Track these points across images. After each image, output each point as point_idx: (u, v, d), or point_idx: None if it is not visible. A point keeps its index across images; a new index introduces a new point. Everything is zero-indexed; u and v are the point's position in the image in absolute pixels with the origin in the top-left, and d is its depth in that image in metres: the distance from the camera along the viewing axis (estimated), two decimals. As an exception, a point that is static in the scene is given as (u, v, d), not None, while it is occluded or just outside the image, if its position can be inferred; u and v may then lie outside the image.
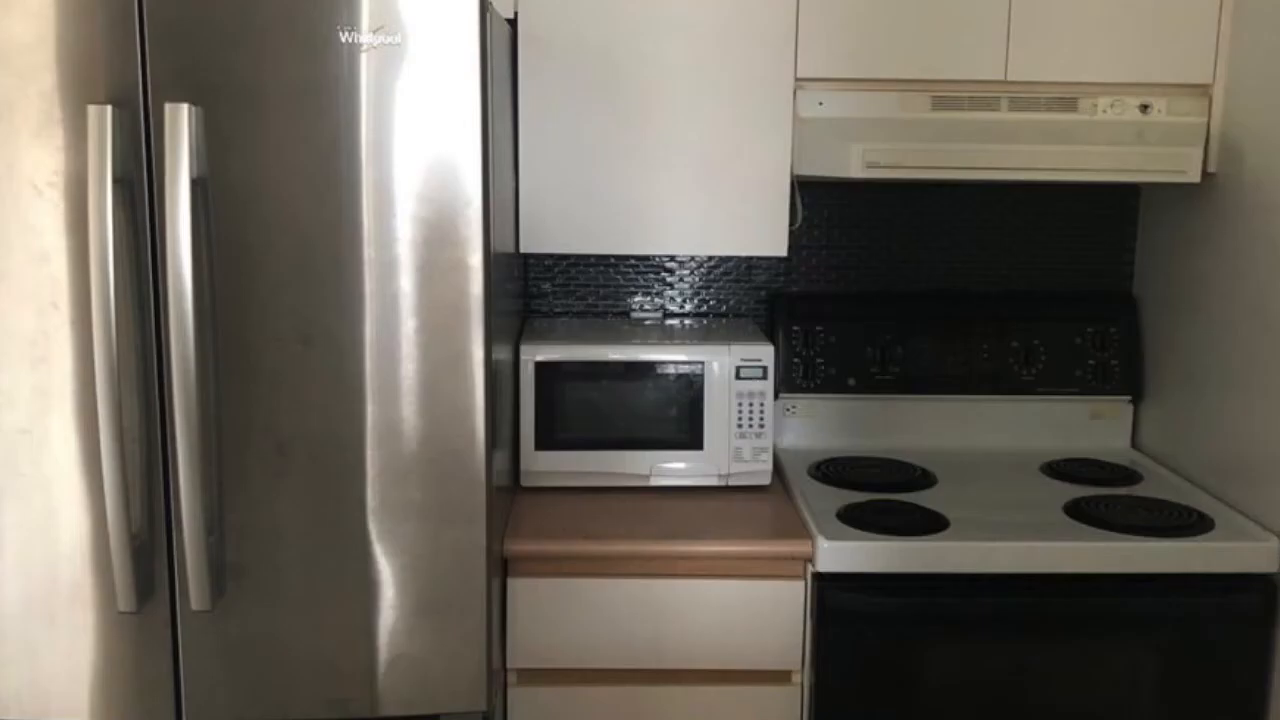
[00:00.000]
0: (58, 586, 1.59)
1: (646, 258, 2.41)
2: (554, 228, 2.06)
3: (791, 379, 2.34)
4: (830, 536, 1.85)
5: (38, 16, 1.47)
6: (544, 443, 2.07)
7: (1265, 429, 1.90)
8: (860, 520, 1.91)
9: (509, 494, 2.00)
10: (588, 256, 2.41)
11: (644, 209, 2.06)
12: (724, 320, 2.40)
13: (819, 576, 1.85)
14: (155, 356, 1.55)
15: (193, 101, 1.48)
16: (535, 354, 2.06)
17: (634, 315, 2.43)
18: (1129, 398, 2.37)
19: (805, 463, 2.25)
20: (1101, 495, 2.06)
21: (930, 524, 1.91)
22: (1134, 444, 2.39)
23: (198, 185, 1.50)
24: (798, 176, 2.08)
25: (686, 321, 2.37)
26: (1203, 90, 2.05)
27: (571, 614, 1.86)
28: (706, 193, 2.06)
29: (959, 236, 2.42)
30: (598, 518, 1.95)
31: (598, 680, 1.88)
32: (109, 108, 1.46)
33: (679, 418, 2.08)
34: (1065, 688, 1.86)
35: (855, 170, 1.96)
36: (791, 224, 2.10)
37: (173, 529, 1.58)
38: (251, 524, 1.59)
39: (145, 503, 1.57)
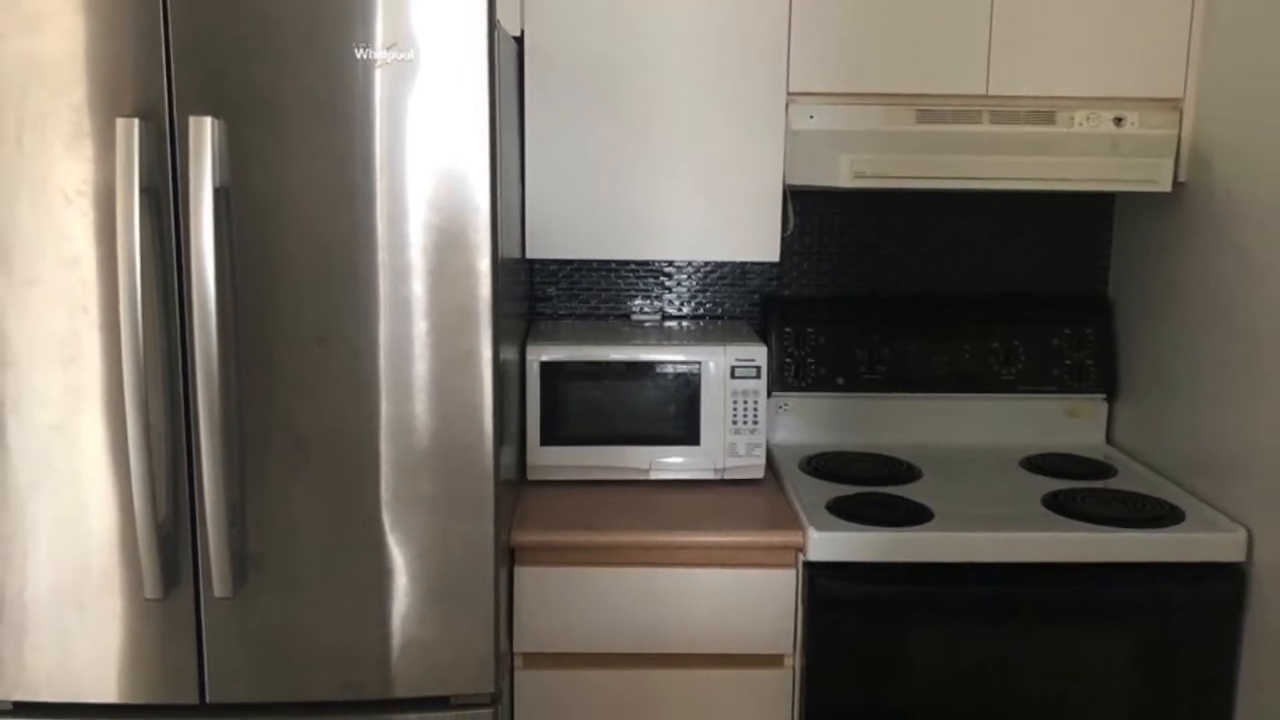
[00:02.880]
0: (88, 575, 1.60)
1: (646, 263, 2.41)
2: (558, 234, 2.06)
3: (784, 378, 2.34)
4: (820, 527, 1.85)
5: (69, 34, 1.47)
6: (549, 438, 2.07)
7: (1233, 426, 1.90)
8: (849, 512, 1.91)
9: (515, 487, 2.00)
10: (590, 261, 2.41)
11: (644, 216, 2.06)
12: (719, 322, 2.41)
13: (809, 565, 1.85)
14: (180, 357, 1.55)
15: (215, 115, 1.48)
16: (540, 354, 2.06)
17: (634, 317, 2.43)
18: (1104, 396, 2.37)
19: (797, 457, 2.25)
20: (1078, 488, 2.06)
21: (915, 515, 1.91)
22: (1109, 440, 2.39)
23: (220, 194, 1.50)
24: (790, 186, 2.08)
25: (684, 323, 2.37)
26: (1174, 104, 2.05)
27: (575, 601, 1.86)
28: (703, 201, 2.06)
29: (943, 243, 2.42)
30: (600, 510, 1.95)
31: (600, 664, 1.88)
32: (136, 120, 1.46)
33: (677, 415, 2.08)
34: (1043, 671, 1.86)
35: (844, 180, 1.96)
36: (784, 231, 2.10)
37: (196, 521, 1.58)
38: (271, 516, 1.59)
39: (170, 496, 1.58)
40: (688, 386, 2.08)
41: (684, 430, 2.08)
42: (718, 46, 2.01)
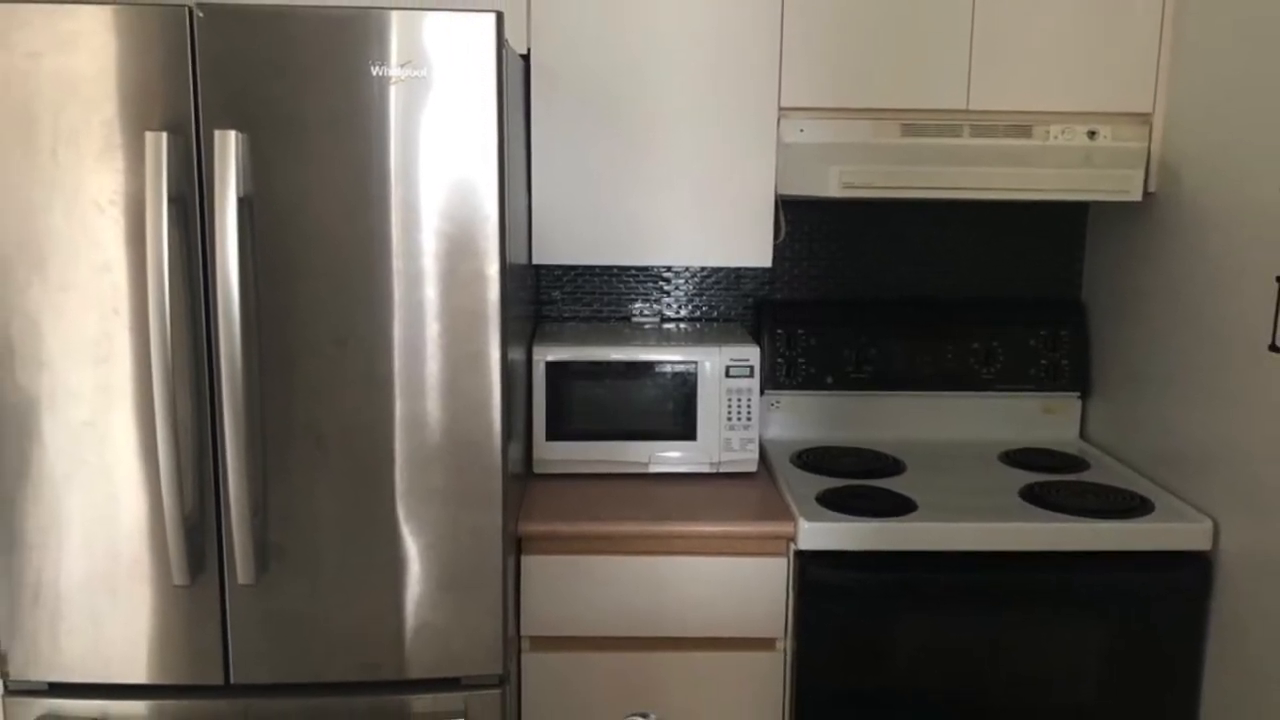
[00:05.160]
0: (118, 563, 1.60)
1: (646, 268, 2.41)
2: (563, 241, 2.06)
3: (776, 377, 2.34)
4: (810, 518, 1.85)
5: (100, 52, 1.47)
6: (554, 434, 2.07)
7: (1199, 422, 1.90)
8: (837, 503, 1.92)
9: (522, 480, 2.00)
10: (593, 267, 2.41)
11: (644, 224, 2.06)
12: (715, 324, 2.41)
13: (800, 554, 1.85)
14: (206, 357, 1.55)
15: (240, 128, 1.49)
16: (546, 354, 2.06)
17: (634, 320, 2.43)
18: (1078, 394, 2.37)
19: (788, 452, 2.25)
20: (1053, 481, 2.06)
21: (900, 507, 1.91)
22: (1082, 435, 2.39)
23: (244, 204, 1.50)
24: (781, 195, 2.08)
25: (681, 325, 2.37)
26: (1144, 118, 2.05)
27: (579, 588, 1.86)
28: (700, 210, 2.06)
29: (926, 249, 2.42)
30: (602, 501, 1.95)
31: (602, 647, 1.88)
32: (164, 134, 1.46)
33: (675, 412, 2.08)
34: (1021, 654, 1.86)
35: (833, 190, 1.96)
36: (776, 238, 2.10)
37: (221, 512, 1.58)
38: (292, 507, 1.59)
39: (197, 488, 1.58)
40: (685, 385, 2.08)
41: (682, 426, 2.08)
42: (713, 64, 2.01)
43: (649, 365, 2.08)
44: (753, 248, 2.08)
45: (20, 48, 1.47)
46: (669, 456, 2.09)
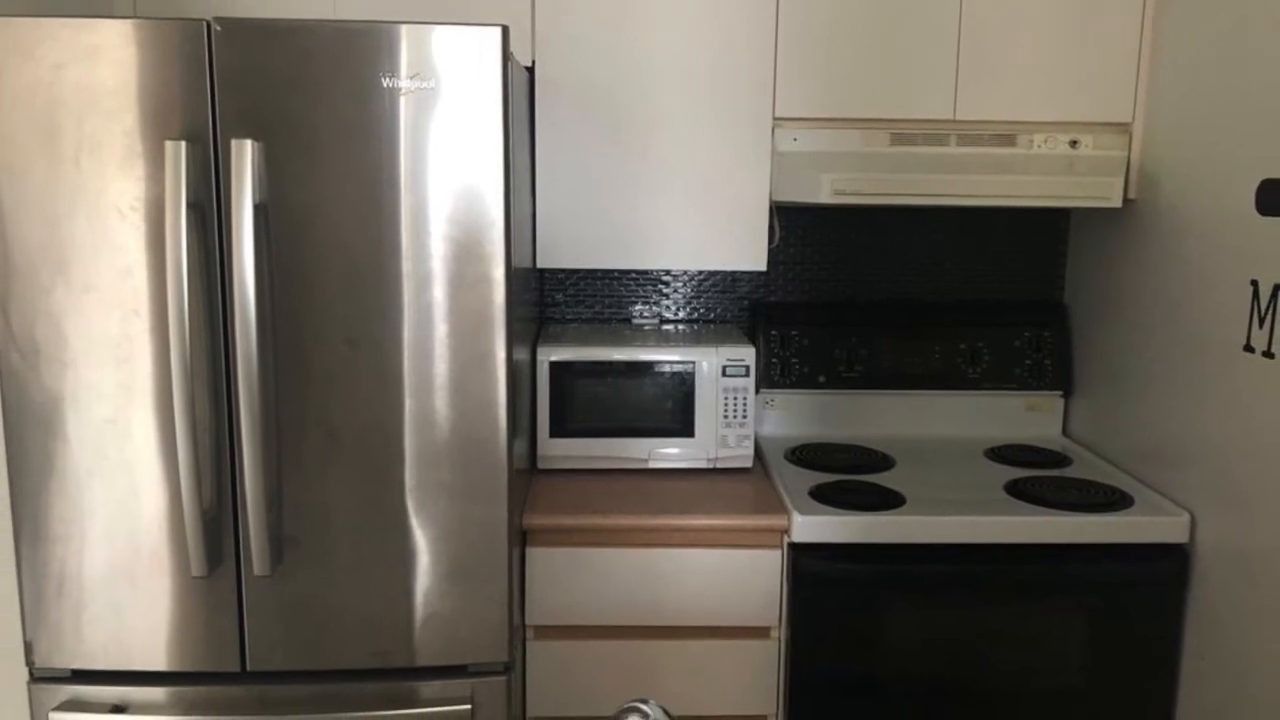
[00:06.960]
0: (139, 555, 1.60)
1: (645, 271, 2.42)
2: (566, 245, 2.06)
3: (770, 376, 2.34)
4: (804, 511, 1.85)
5: (122, 64, 1.48)
6: (557, 431, 2.08)
7: (1177, 419, 1.90)
8: (829, 498, 1.92)
9: (527, 475, 2.00)
10: (595, 270, 2.41)
11: (643, 229, 2.06)
12: (712, 326, 2.41)
13: (794, 546, 1.86)
14: (223, 357, 1.55)
15: (255, 138, 1.49)
16: (550, 354, 2.06)
17: (635, 321, 2.43)
18: (1060, 392, 2.38)
19: (782, 448, 2.25)
20: (1037, 476, 2.07)
21: (890, 501, 1.91)
22: (1065, 432, 2.39)
23: (260, 210, 1.51)
24: (776, 202, 2.08)
25: (680, 327, 2.37)
26: (1124, 128, 2.05)
27: (581, 579, 1.86)
28: (697, 216, 2.06)
29: (914, 253, 2.43)
30: (603, 496, 1.95)
31: (604, 636, 1.88)
32: (183, 143, 1.47)
33: (673, 410, 2.08)
34: (1006, 642, 1.86)
35: (825, 197, 1.97)
36: (770, 243, 2.10)
37: (238, 505, 1.58)
38: (306, 501, 1.60)
39: (214, 483, 1.58)
40: (683, 384, 2.08)
41: (680, 424, 2.09)
42: (710, 76, 2.02)
43: (649, 365, 2.08)
44: (748, 252, 2.08)
45: (45, 60, 1.47)
46: (668, 453, 2.09)
